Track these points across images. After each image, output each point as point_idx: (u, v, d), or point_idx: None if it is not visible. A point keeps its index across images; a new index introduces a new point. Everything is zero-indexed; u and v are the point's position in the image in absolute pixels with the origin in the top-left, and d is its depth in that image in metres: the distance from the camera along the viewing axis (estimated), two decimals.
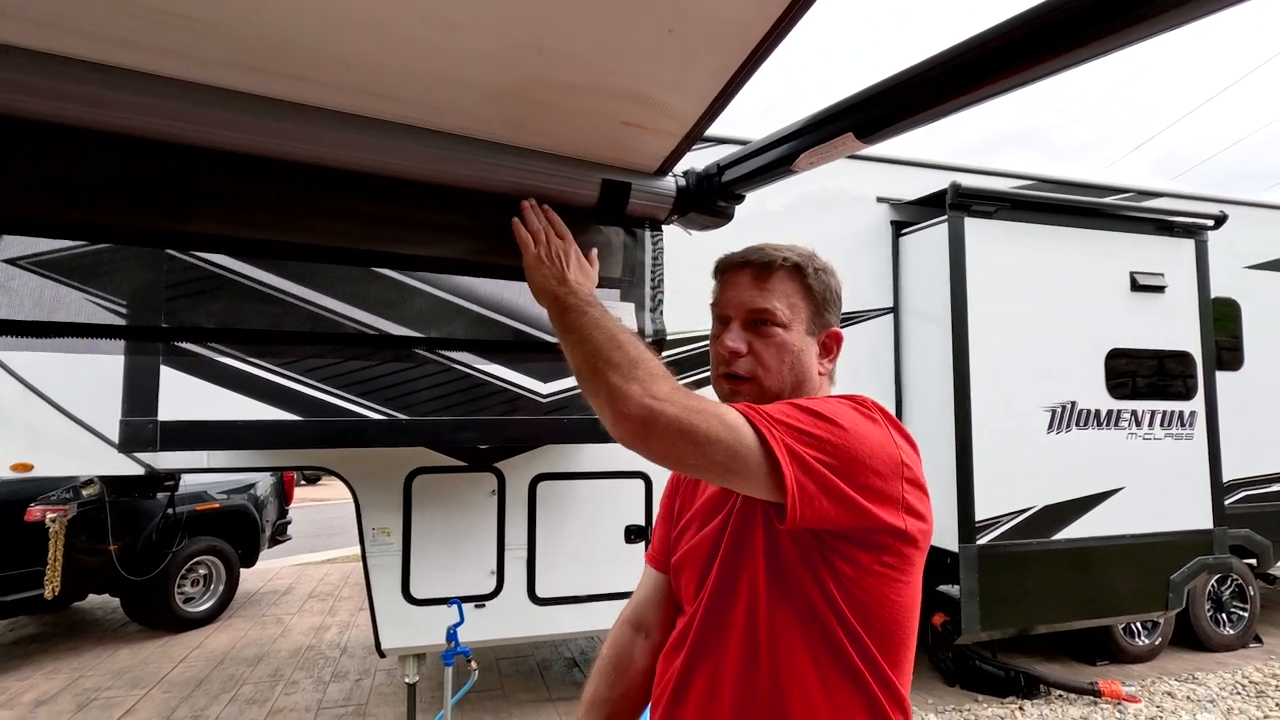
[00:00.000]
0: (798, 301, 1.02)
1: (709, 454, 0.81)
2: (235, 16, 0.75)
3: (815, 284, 1.04)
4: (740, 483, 0.85)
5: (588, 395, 0.87)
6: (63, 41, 0.72)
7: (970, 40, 0.79)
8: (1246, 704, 4.31)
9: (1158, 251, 4.56)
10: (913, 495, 0.90)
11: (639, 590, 1.18)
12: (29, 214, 0.76)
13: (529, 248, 1.03)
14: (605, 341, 0.86)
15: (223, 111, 0.81)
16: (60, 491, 4.87)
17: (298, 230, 0.90)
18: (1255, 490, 5.32)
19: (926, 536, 0.93)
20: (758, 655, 0.91)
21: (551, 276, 1.00)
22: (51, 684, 4.69)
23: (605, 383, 0.83)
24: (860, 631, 0.89)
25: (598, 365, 0.85)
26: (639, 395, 0.81)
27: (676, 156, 1.13)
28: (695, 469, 0.85)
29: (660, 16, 0.86)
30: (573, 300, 0.95)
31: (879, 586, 0.89)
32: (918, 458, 0.93)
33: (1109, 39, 0.69)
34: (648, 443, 0.83)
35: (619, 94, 0.98)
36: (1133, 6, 0.65)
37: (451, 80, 0.90)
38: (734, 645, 0.92)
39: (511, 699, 4.41)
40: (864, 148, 0.94)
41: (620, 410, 0.81)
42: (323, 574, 8.27)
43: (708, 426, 0.81)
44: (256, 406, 2.84)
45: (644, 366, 0.84)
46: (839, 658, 0.89)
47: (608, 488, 4.04)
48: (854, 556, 0.88)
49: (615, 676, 1.12)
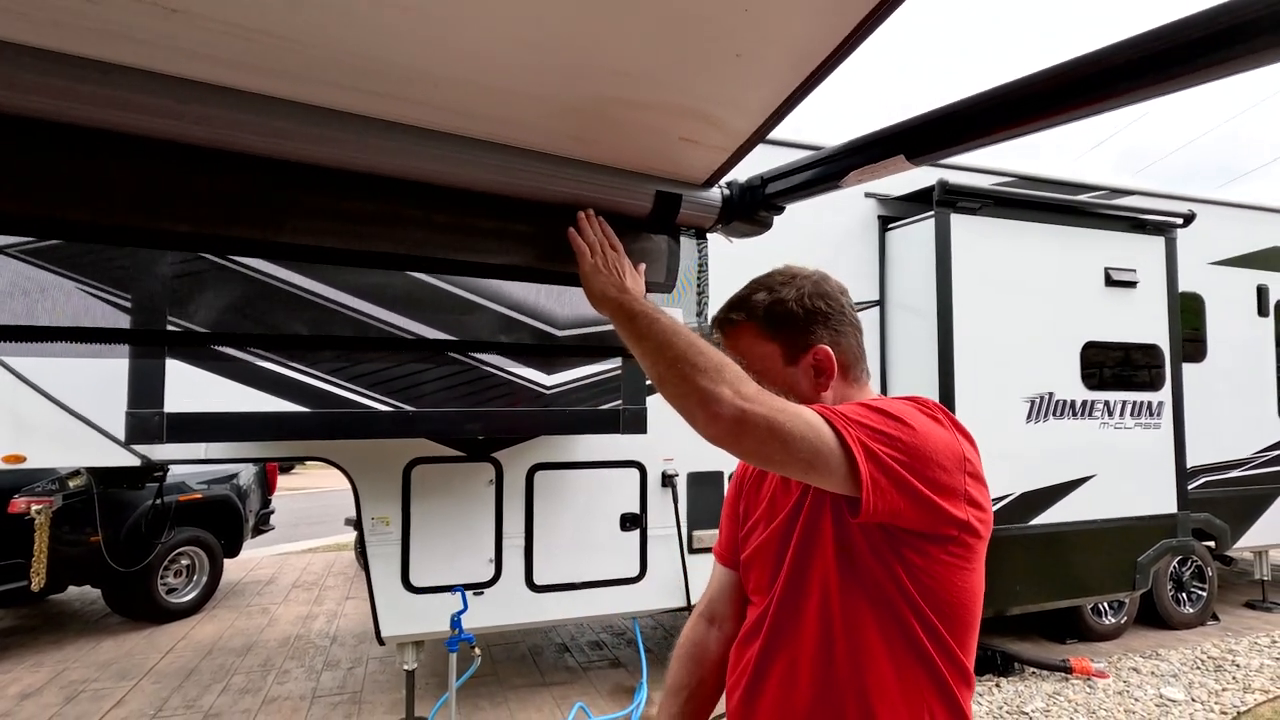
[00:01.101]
0: (764, 340, 1.10)
1: (794, 451, 0.86)
2: (340, 41, 0.79)
3: (769, 320, 1.10)
4: (820, 478, 0.90)
5: (673, 398, 0.90)
6: (182, 65, 0.76)
7: (1017, 81, 0.87)
8: (1205, 677, 4.56)
9: (1130, 248, 4.75)
10: (974, 488, 0.96)
11: (710, 586, 1.27)
12: (146, 226, 0.80)
13: (586, 256, 1.09)
14: (687, 347, 0.91)
15: (324, 129, 0.85)
16: (45, 483, 4.78)
17: (386, 240, 0.94)
18: (1215, 476, 5.60)
19: (987, 526, 0.99)
20: (832, 640, 0.97)
21: (610, 284, 1.06)
22: (35, 677, 4.64)
23: (695, 386, 0.87)
24: (930, 615, 0.95)
25: (684, 370, 0.89)
26: (730, 398, 0.86)
27: (725, 169, 1.19)
28: (780, 465, 0.90)
29: (731, 42, 0.92)
30: (639, 306, 1.01)
31: (946, 574, 0.96)
32: (977, 452, 1.00)
33: (1135, 92, 0.78)
34: (739, 441, 0.87)
35: (681, 111, 1.04)
36: (1156, 68, 0.74)
37: (528, 98, 0.95)
38: (809, 632, 0.99)
39: (506, 684, 4.48)
40: (912, 169, 1.01)
41: (714, 411, 0.86)
42: (305, 563, 8.23)
43: (793, 425, 0.87)
44: (261, 398, 2.84)
45: (729, 370, 0.89)
46: (910, 640, 0.95)
47: (603, 477, 4.12)
48: (922, 547, 0.95)
49: (692, 666, 1.20)
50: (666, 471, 4.21)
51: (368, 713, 4.07)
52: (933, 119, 0.95)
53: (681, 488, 4.24)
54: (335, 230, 0.90)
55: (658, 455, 4.18)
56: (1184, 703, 4.18)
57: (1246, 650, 5.05)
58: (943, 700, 0.97)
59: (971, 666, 1.00)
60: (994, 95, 0.89)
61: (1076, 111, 0.84)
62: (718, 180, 1.23)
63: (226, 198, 0.85)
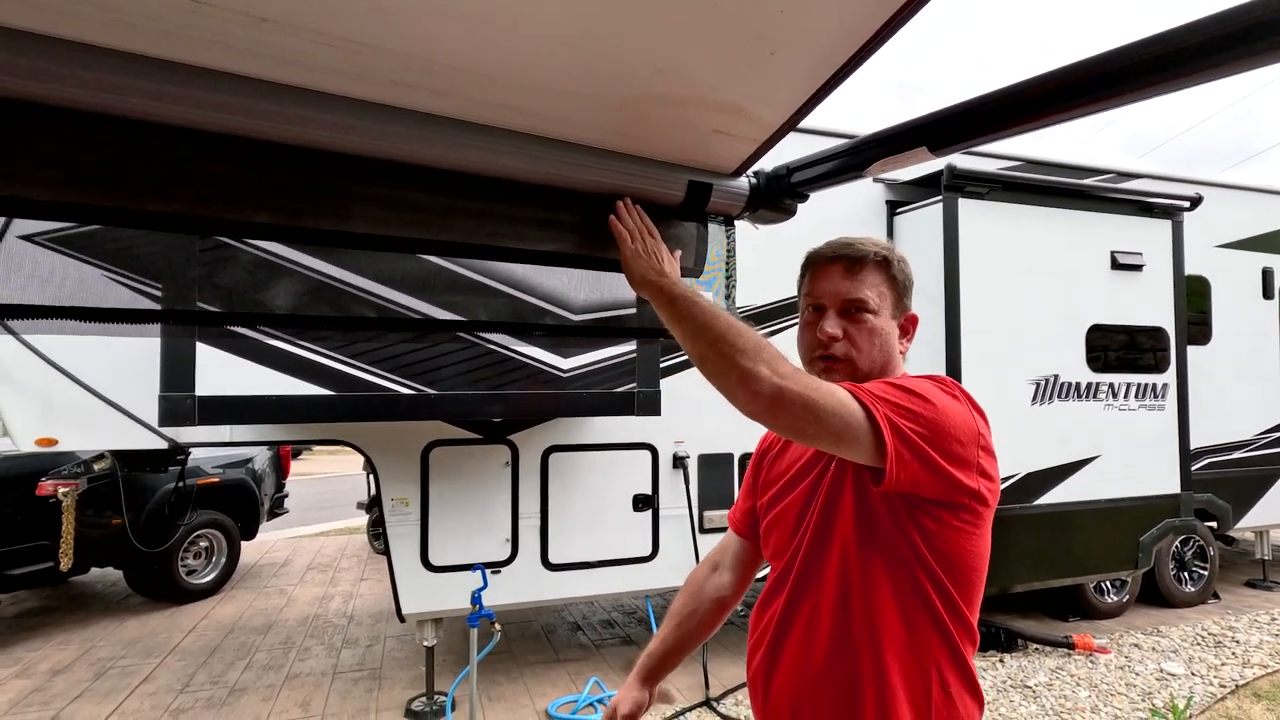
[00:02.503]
0: (885, 290, 1.17)
1: (826, 425, 0.94)
2: (400, 41, 0.86)
3: (898, 274, 1.19)
4: (848, 449, 0.98)
5: (714, 376, 0.98)
6: (267, 69, 0.82)
7: (1034, 79, 0.93)
8: (1205, 653, 4.66)
9: (1137, 232, 4.79)
10: (985, 460, 1.05)
11: (721, 542, 1.46)
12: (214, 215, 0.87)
13: (626, 242, 1.15)
14: (727, 328, 0.98)
15: (381, 124, 0.92)
16: (70, 466, 4.89)
17: (442, 229, 1.01)
18: (1218, 458, 5.67)
19: (995, 495, 1.08)
20: (850, 597, 1.07)
21: (650, 268, 1.13)
22: (64, 654, 4.77)
23: (736, 366, 0.94)
24: (940, 575, 1.05)
25: (724, 350, 0.95)
26: (769, 376, 0.93)
27: (754, 160, 1.25)
28: (813, 437, 0.98)
29: (766, 42, 0.98)
30: (679, 290, 1.07)
31: (956, 539, 1.05)
32: (988, 426, 1.08)
33: (1146, 90, 0.84)
34: (776, 416, 0.95)
35: (715, 106, 1.10)
36: (1169, 64, 0.80)
37: (575, 95, 1.01)
38: (829, 588, 1.09)
39: (521, 660, 4.60)
40: (934, 159, 1.08)
41: (753, 389, 0.93)
42: (318, 546, 8.37)
43: (826, 402, 0.94)
44: (287, 381, 2.92)
45: (767, 350, 0.96)
46: (921, 597, 1.05)
47: (616, 459, 4.20)
48: (936, 514, 1.04)
49: (687, 598, 1.41)
50: (678, 453, 4.30)
51: (388, 688, 4.19)
52: (955, 112, 1.01)
53: (693, 469, 4.33)
54: (398, 220, 0.97)
55: (669, 437, 4.27)
56: (1184, 677, 4.29)
57: (1246, 627, 5.15)
58: (948, 651, 1.06)
59: (975, 623, 1.09)
60: (1013, 91, 0.96)
61: (1094, 106, 0.90)
62: (746, 170, 1.29)
63: (301, 189, 0.92)
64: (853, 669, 1.05)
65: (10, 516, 4.81)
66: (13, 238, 1.13)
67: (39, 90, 0.78)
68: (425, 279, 2.52)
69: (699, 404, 4.13)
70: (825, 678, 1.07)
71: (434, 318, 2.35)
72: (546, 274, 2.47)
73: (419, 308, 2.51)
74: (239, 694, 4.12)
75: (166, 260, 2.26)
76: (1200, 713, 3.81)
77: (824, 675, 1.07)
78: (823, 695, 1.07)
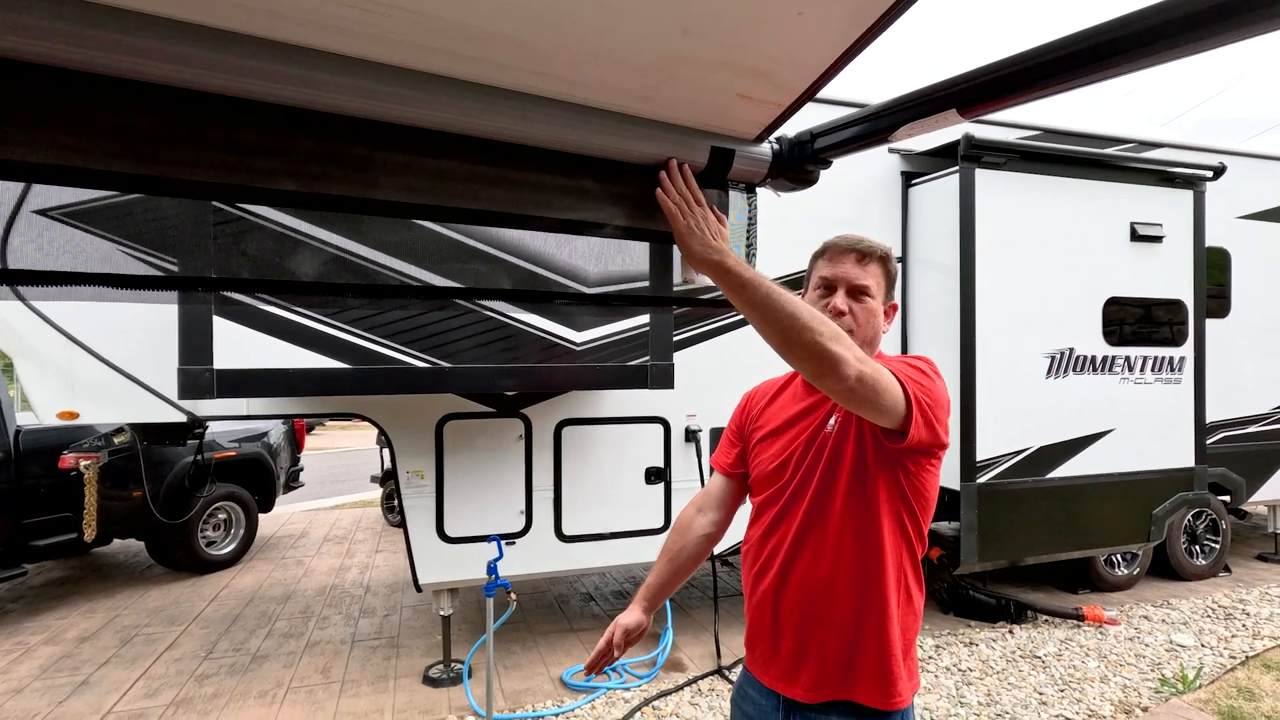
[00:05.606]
0: (880, 282, 1.42)
1: (884, 399, 1.15)
2: (434, 5, 0.85)
3: (891, 270, 1.45)
4: (881, 416, 1.19)
5: (802, 360, 1.11)
6: (301, 33, 0.82)
7: (1065, 38, 0.91)
8: (1215, 625, 4.68)
9: (1158, 202, 4.71)
10: (948, 420, 1.33)
11: (708, 486, 1.65)
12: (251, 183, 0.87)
13: (679, 219, 1.14)
14: (810, 316, 1.09)
15: (413, 90, 0.91)
16: (92, 439, 4.97)
17: (468, 197, 1.01)
18: (1233, 431, 5.63)
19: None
20: (850, 524, 1.33)
21: (710, 248, 1.13)
22: (90, 622, 4.89)
23: (826, 351, 1.08)
24: (914, 504, 1.34)
25: (812, 338, 1.08)
26: (854, 361, 1.09)
27: (776, 125, 1.23)
28: (869, 408, 1.16)
29: (795, 0, 0.96)
30: (747, 274, 1.10)
31: (926, 478, 1.34)
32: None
33: (1182, 48, 0.81)
34: (854, 393, 1.11)
35: (741, 69, 1.08)
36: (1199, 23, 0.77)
37: (604, 59, 1.00)
38: (834, 518, 1.34)
39: (535, 630, 4.68)
40: (963, 122, 1.06)
41: (841, 372, 1.08)
42: (334, 519, 8.50)
43: (886, 381, 1.15)
44: (304, 354, 2.94)
45: (844, 337, 1.11)
46: (899, 522, 1.34)
47: (629, 432, 4.22)
48: (919, 460, 1.31)
49: (676, 536, 1.60)
50: (690, 427, 4.32)
51: (405, 655, 4.28)
52: (985, 73, 0.99)
53: (704, 442, 4.34)
54: (426, 188, 0.97)
55: (681, 411, 4.28)
56: (1193, 648, 4.31)
57: (1257, 600, 5.16)
58: (911, 560, 1.37)
59: (926, 535, 1.40)
60: (1044, 50, 0.93)
61: (1127, 65, 0.88)
62: (768, 136, 1.27)
63: (328, 156, 0.92)
64: (854, 582, 1.32)
65: (34, 489, 4.90)
66: (28, 212, 1.13)
67: (62, 53, 0.77)
68: (438, 250, 2.52)
69: (711, 377, 4.14)
70: (834, 589, 1.32)
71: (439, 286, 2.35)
72: (561, 246, 2.47)
73: (430, 279, 2.51)
74: (261, 660, 4.22)
75: (180, 234, 2.27)
76: (1210, 683, 3.84)
77: (832, 588, 1.32)
78: (833, 603, 1.32)
